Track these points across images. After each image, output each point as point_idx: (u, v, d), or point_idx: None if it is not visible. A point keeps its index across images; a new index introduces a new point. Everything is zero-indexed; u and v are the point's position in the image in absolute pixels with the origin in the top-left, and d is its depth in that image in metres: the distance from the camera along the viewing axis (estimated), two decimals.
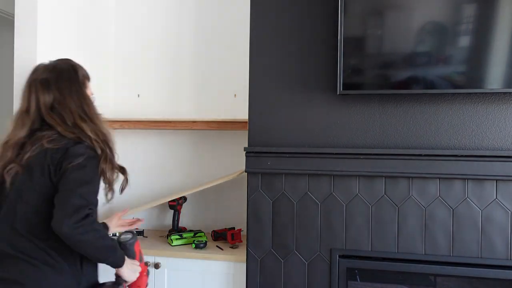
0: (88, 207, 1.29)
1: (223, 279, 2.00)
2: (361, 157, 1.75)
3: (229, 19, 2.44)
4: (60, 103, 1.40)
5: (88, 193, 1.32)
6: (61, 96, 1.41)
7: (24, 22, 1.99)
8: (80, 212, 1.26)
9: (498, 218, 1.68)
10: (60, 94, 1.41)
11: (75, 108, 1.41)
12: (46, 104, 1.39)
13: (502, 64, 1.63)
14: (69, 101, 1.41)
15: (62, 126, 1.37)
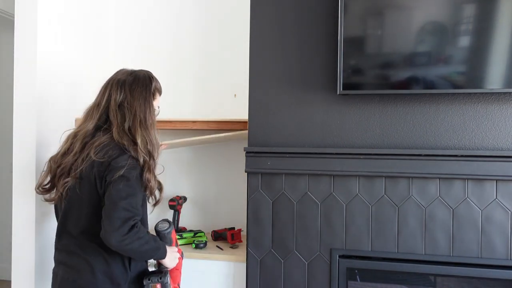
0: (133, 218, 1.40)
1: (223, 279, 2.00)
2: (361, 157, 1.75)
3: (229, 19, 2.45)
4: (128, 103, 1.53)
5: (132, 205, 1.41)
6: (131, 98, 1.54)
7: (24, 22, 1.99)
8: (126, 225, 1.37)
9: (498, 218, 1.68)
10: (131, 95, 1.54)
11: (139, 112, 1.52)
12: (116, 101, 1.53)
13: (502, 64, 1.63)
14: (136, 104, 1.53)
15: (118, 128, 1.50)
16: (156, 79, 1.67)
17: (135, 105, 1.53)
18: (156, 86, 1.64)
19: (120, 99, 1.54)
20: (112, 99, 1.54)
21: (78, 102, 2.29)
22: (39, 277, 2.02)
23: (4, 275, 3.51)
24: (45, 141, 2.04)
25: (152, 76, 1.65)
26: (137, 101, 1.54)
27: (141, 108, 1.54)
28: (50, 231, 2.10)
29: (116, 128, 1.50)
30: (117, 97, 1.54)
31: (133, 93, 1.54)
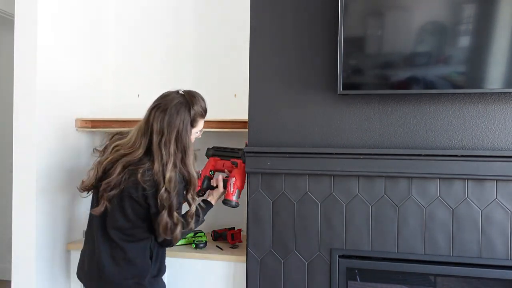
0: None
1: (223, 279, 2.00)
2: (361, 157, 1.75)
3: (229, 19, 2.44)
4: (166, 143, 1.59)
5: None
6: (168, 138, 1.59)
7: (24, 22, 1.99)
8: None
9: (498, 218, 1.68)
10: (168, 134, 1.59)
11: (174, 150, 1.59)
12: (156, 141, 1.59)
13: (502, 64, 1.63)
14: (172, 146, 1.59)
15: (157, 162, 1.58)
16: (199, 100, 1.67)
17: (171, 146, 1.59)
18: (196, 112, 1.65)
19: (159, 139, 1.59)
20: (153, 138, 1.59)
21: (78, 102, 2.29)
22: (39, 277, 2.02)
23: (4, 275, 3.51)
24: (45, 141, 2.05)
25: (192, 102, 1.64)
26: (173, 143, 1.59)
27: (178, 146, 1.60)
28: (50, 231, 2.10)
29: (156, 162, 1.58)
30: (157, 138, 1.59)
31: (170, 134, 1.59)
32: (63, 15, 2.16)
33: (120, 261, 1.63)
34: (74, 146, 2.25)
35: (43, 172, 2.03)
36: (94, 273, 1.66)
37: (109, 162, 1.61)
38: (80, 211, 2.32)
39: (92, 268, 1.67)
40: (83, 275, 1.73)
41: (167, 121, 1.59)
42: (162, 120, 1.59)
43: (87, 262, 1.70)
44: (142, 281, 1.65)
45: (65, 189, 2.18)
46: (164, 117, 1.59)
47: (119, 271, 1.63)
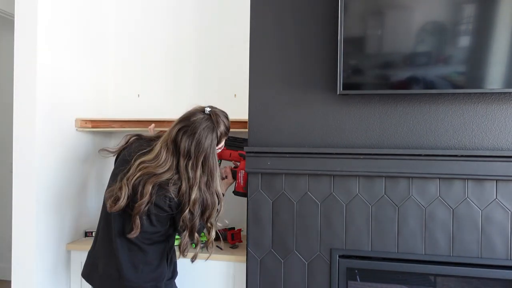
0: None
1: (223, 279, 2.00)
2: (361, 157, 1.75)
3: (229, 19, 2.45)
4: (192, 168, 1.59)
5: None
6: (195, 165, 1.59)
7: (24, 22, 1.99)
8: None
9: (498, 218, 1.68)
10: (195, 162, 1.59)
11: (200, 173, 1.60)
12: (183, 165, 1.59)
13: (502, 64, 1.63)
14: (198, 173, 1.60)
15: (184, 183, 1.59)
16: (223, 120, 1.67)
17: (198, 170, 1.59)
18: (222, 133, 1.66)
19: (185, 161, 1.59)
20: (180, 160, 1.60)
21: (78, 102, 2.29)
22: (39, 277, 2.02)
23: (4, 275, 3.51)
24: (45, 141, 2.05)
25: (218, 123, 1.64)
26: (200, 167, 1.59)
27: (205, 170, 1.61)
28: (50, 231, 2.10)
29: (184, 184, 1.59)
30: (183, 160, 1.59)
31: (197, 158, 1.59)
32: (63, 15, 2.16)
33: (139, 264, 1.64)
34: (74, 146, 2.25)
35: (43, 172, 2.03)
36: (111, 275, 1.65)
37: (137, 180, 1.57)
38: (80, 211, 2.32)
39: (109, 270, 1.65)
40: (96, 277, 1.71)
41: (195, 145, 1.58)
42: (190, 143, 1.58)
43: (102, 264, 1.68)
44: (159, 284, 1.67)
45: (65, 189, 2.18)
46: (192, 142, 1.58)
47: (138, 274, 1.64)
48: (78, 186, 2.28)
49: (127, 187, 1.57)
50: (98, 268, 1.69)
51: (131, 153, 1.66)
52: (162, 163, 1.58)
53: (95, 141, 2.42)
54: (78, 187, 2.28)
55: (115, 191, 1.58)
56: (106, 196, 1.61)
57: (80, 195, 2.31)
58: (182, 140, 1.59)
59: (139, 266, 1.65)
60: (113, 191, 1.59)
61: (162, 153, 1.59)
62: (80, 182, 2.30)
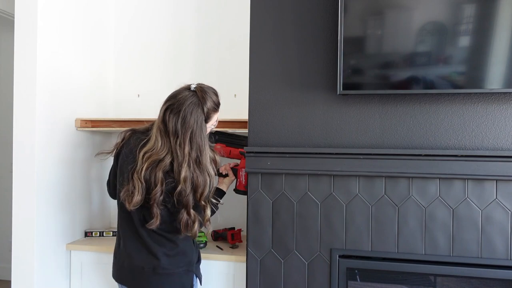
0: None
1: (223, 279, 2.00)
2: (361, 157, 1.75)
3: (229, 18, 2.45)
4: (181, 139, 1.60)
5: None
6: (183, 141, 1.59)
7: (24, 22, 1.99)
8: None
9: (498, 218, 1.68)
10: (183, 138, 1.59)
11: (188, 150, 1.60)
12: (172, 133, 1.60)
13: (502, 64, 1.63)
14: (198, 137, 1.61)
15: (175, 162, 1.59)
16: (210, 95, 1.67)
17: (185, 147, 1.59)
18: (209, 108, 1.65)
19: (175, 140, 1.60)
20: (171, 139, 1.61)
21: (78, 102, 2.29)
22: (39, 277, 2.03)
23: (4, 275, 3.51)
24: (45, 141, 2.05)
25: (204, 99, 1.64)
26: (187, 143, 1.59)
27: (193, 146, 1.60)
28: (50, 231, 2.10)
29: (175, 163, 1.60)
30: (173, 139, 1.60)
31: (184, 135, 1.59)
32: (63, 15, 2.16)
33: (172, 253, 1.68)
34: (74, 146, 2.25)
35: (43, 172, 2.03)
36: (143, 268, 1.66)
37: (146, 171, 1.58)
38: (80, 211, 2.32)
39: (142, 262, 1.66)
40: (126, 274, 1.71)
41: (181, 122, 1.59)
42: (176, 121, 1.59)
43: (130, 260, 1.69)
44: (191, 267, 1.73)
45: (65, 189, 2.18)
46: (178, 119, 1.59)
47: (173, 262, 1.68)
48: (78, 186, 2.28)
49: (139, 181, 1.58)
50: (125, 265, 1.70)
51: (132, 148, 1.66)
52: (161, 146, 1.59)
53: (95, 141, 2.42)
54: (78, 187, 2.28)
55: (130, 189, 1.59)
56: (123, 196, 1.61)
57: (80, 195, 2.31)
58: (169, 119, 1.60)
59: (173, 254, 1.68)
60: (128, 190, 1.59)
61: (158, 137, 1.61)
62: (80, 182, 2.30)
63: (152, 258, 1.66)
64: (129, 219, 1.69)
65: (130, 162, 1.64)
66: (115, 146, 1.76)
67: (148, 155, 1.59)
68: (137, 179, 1.58)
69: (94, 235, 2.34)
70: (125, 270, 1.71)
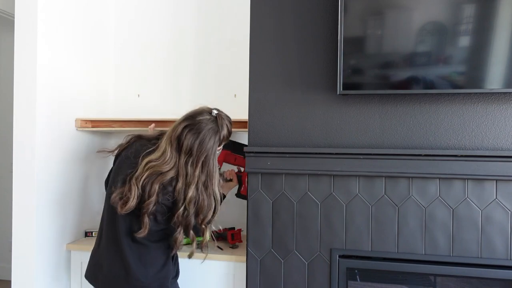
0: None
1: (223, 279, 2.00)
2: (361, 157, 1.75)
3: (229, 19, 2.45)
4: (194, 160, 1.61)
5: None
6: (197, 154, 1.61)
7: (24, 22, 1.99)
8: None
9: (498, 218, 1.68)
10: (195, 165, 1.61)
11: (199, 173, 1.61)
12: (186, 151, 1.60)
13: (502, 64, 1.63)
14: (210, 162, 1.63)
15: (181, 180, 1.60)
16: (226, 124, 1.68)
17: (197, 169, 1.60)
18: (224, 136, 1.67)
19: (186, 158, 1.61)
20: (181, 156, 1.61)
21: (78, 102, 2.29)
22: (39, 277, 2.03)
23: (4, 275, 3.51)
24: (45, 141, 2.05)
25: (222, 127, 1.65)
26: (200, 166, 1.60)
27: (204, 170, 1.62)
28: (50, 231, 2.10)
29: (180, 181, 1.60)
30: (184, 157, 1.61)
31: (198, 156, 1.60)
32: (64, 15, 2.16)
33: (147, 263, 1.66)
34: (74, 146, 2.25)
35: (43, 172, 2.03)
36: (118, 275, 1.65)
37: (145, 180, 1.58)
38: (80, 211, 2.32)
39: (116, 270, 1.65)
40: (101, 277, 1.70)
41: (198, 144, 1.60)
42: (193, 141, 1.60)
43: (107, 264, 1.68)
44: (166, 282, 1.69)
45: (65, 189, 2.19)
46: (196, 140, 1.60)
47: (146, 272, 1.65)
48: (78, 186, 2.28)
49: (136, 187, 1.57)
50: (103, 268, 1.69)
51: (136, 153, 1.66)
52: (168, 160, 1.59)
53: (95, 141, 2.42)
54: (78, 187, 2.28)
55: (125, 193, 1.58)
56: (115, 198, 1.59)
57: (80, 195, 2.31)
58: (186, 137, 1.60)
59: (147, 265, 1.66)
60: (123, 192, 1.58)
61: (167, 150, 1.60)
62: (80, 182, 2.30)
63: (127, 267, 1.64)
64: (114, 222, 1.67)
65: (130, 166, 1.63)
66: (118, 147, 1.76)
67: (151, 164, 1.58)
68: (135, 184, 1.57)
69: (94, 235, 2.34)
70: (100, 272, 1.69)
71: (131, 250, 1.65)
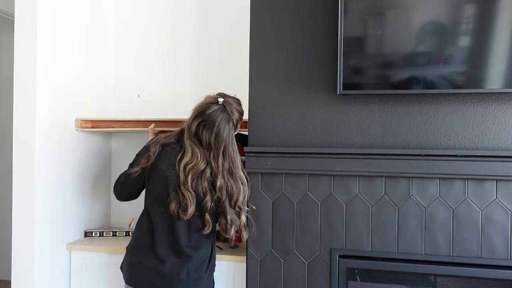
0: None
1: (223, 279, 2.00)
2: (361, 157, 1.75)
3: (229, 19, 2.45)
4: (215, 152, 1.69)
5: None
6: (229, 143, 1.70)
7: (24, 22, 1.99)
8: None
9: (498, 218, 1.68)
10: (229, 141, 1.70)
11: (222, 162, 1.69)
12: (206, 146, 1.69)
13: (502, 64, 1.63)
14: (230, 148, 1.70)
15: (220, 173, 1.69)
16: (236, 106, 1.73)
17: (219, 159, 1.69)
18: (238, 119, 1.74)
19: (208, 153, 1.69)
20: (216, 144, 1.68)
21: (78, 102, 2.29)
22: (39, 277, 2.02)
23: (4, 275, 3.51)
24: (45, 141, 2.05)
25: (233, 112, 1.71)
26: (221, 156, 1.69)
27: (226, 158, 1.70)
28: (50, 231, 2.10)
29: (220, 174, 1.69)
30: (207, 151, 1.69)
31: (218, 148, 1.68)
32: (63, 15, 2.16)
33: (205, 260, 1.77)
34: (74, 146, 2.25)
35: (43, 172, 2.03)
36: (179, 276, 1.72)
37: (192, 183, 1.67)
38: (80, 211, 2.32)
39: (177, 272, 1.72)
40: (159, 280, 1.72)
41: (214, 137, 1.67)
42: (210, 136, 1.67)
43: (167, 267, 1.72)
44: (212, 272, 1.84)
45: (65, 189, 2.18)
46: (212, 134, 1.67)
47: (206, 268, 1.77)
48: (78, 186, 2.28)
49: (188, 192, 1.66)
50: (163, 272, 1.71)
51: (169, 161, 1.71)
52: (200, 157, 1.68)
53: (95, 141, 2.42)
54: (78, 187, 2.28)
55: (181, 200, 1.66)
56: (174, 208, 1.66)
57: (80, 195, 2.31)
58: (203, 134, 1.68)
59: (205, 262, 1.77)
60: (178, 201, 1.66)
61: (195, 150, 1.69)
62: (80, 182, 2.30)
63: (190, 267, 1.72)
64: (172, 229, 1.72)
65: (173, 176, 1.70)
66: (145, 159, 1.75)
67: (190, 166, 1.67)
68: (186, 190, 1.66)
69: (94, 235, 2.34)
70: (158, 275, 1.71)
71: (190, 249, 1.73)
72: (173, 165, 1.70)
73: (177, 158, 1.70)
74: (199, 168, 1.66)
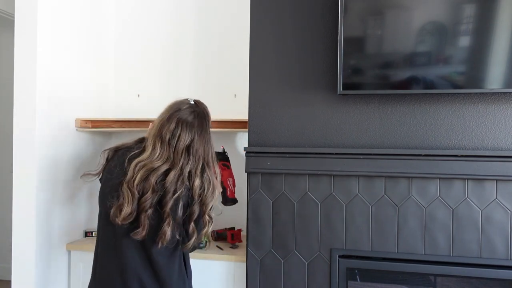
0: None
1: (223, 279, 2.00)
2: (361, 157, 1.75)
3: (229, 19, 2.45)
4: (194, 147, 1.57)
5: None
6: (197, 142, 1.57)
7: (24, 22, 1.99)
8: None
9: (498, 218, 1.68)
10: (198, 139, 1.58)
11: (203, 154, 1.58)
12: (184, 145, 1.56)
13: (502, 64, 1.63)
14: (200, 149, 1.58)
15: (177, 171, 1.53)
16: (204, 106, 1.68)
17: (200, 149, 1.57)
18: (210, 118, 1.66)
19: (187, 143, 1.56)
20: (181, 141, 1.56)
21: (78, 102, 2.29)
22: (39, 277, 2.02)
23: (4, 275, 3.51)
24: (45, 141, 2.05)
25: (205, 109, 1.66)
26: (201, 146, 1.58)
27: (206, 151, 1.59)
28: (50, 231, 2.10)
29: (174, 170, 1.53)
30: (186, 140, 1.56)
31: (199, 137, 1.58)
32: (63, 15, 2.16)
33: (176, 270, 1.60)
34: (74, 146, 2.25)
35: (43, 172, 2.03)
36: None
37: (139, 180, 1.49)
38: (80, 211, 2.32)
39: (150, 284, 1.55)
40: None
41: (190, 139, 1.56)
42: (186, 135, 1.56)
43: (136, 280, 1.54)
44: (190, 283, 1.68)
45: (65, 189, 2.18)
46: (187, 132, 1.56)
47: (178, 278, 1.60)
48: (78, 186, 2.28)
49: (129, 191, 1.48)
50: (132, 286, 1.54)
51: (119, 162, 1.57)
52: (158, 156, 1.52)
53: (95, 141, 2.42)
54: (78, 187, 2.28)
55: (120, 202, 1.48)
56: (113, 212, 1.48)
57: (80, 195, 2.31)
58: (180, 134, 1.55)
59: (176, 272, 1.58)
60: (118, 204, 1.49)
61: (157, 147, 1.54)
62: (80, 182, 2.30)
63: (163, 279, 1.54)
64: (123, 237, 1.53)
65: (118, 176, 1.53)
66: (101, 168, 1.65)
67: (142, 164, 1.50)
68: (127, 189, 1.48)
69: (94, 235, 2.34)
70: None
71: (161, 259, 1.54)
72: (123, 164, 1.53)
73: (130, 155, 1.54)
74: (152, 166, 1.50)
